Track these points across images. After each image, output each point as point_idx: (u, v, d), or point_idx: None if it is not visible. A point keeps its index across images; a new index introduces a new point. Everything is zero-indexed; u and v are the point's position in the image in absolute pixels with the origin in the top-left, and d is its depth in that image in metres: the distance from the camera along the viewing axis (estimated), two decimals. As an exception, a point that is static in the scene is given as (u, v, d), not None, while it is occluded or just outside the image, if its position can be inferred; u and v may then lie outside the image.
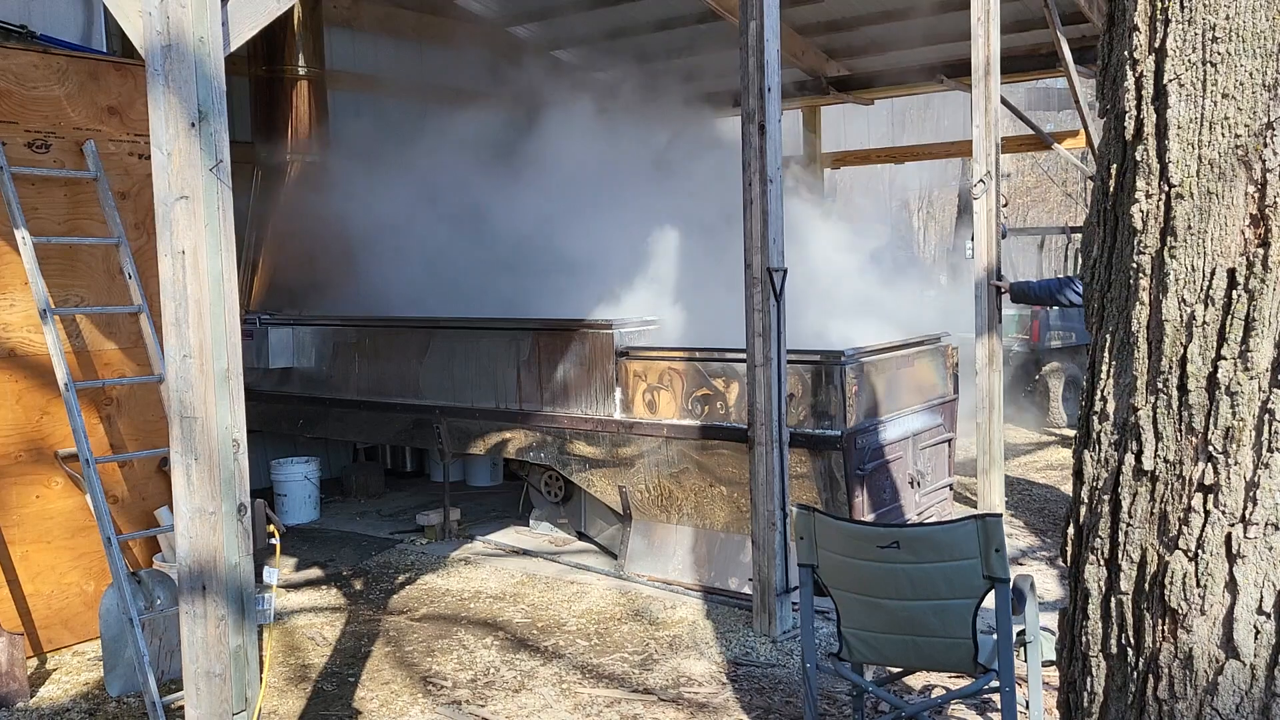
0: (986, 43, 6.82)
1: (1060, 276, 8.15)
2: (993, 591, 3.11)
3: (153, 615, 4.49)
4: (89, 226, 5.09)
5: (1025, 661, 3.61)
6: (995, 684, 3.20)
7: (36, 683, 4.64)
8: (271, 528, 3.96)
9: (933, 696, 4.23)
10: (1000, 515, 3.20)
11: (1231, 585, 1.69)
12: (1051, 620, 4.55)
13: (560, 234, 7.93)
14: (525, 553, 6.52)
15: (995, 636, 3.19)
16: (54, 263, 4.94)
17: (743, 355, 5.13)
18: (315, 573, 6.28)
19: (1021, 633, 3.52)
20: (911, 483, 5.94)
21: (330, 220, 7.95)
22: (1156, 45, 1.75)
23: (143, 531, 5.08)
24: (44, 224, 4.92)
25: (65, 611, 5.04)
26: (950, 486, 6.50)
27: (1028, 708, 3.67)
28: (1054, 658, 2.24)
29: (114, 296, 5.15)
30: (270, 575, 3.73)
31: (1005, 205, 7.14)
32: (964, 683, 3.98)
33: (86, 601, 5.07)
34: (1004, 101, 7.46)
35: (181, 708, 3.42)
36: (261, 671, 3.49)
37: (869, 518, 5.41)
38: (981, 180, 6.88)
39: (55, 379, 4.69)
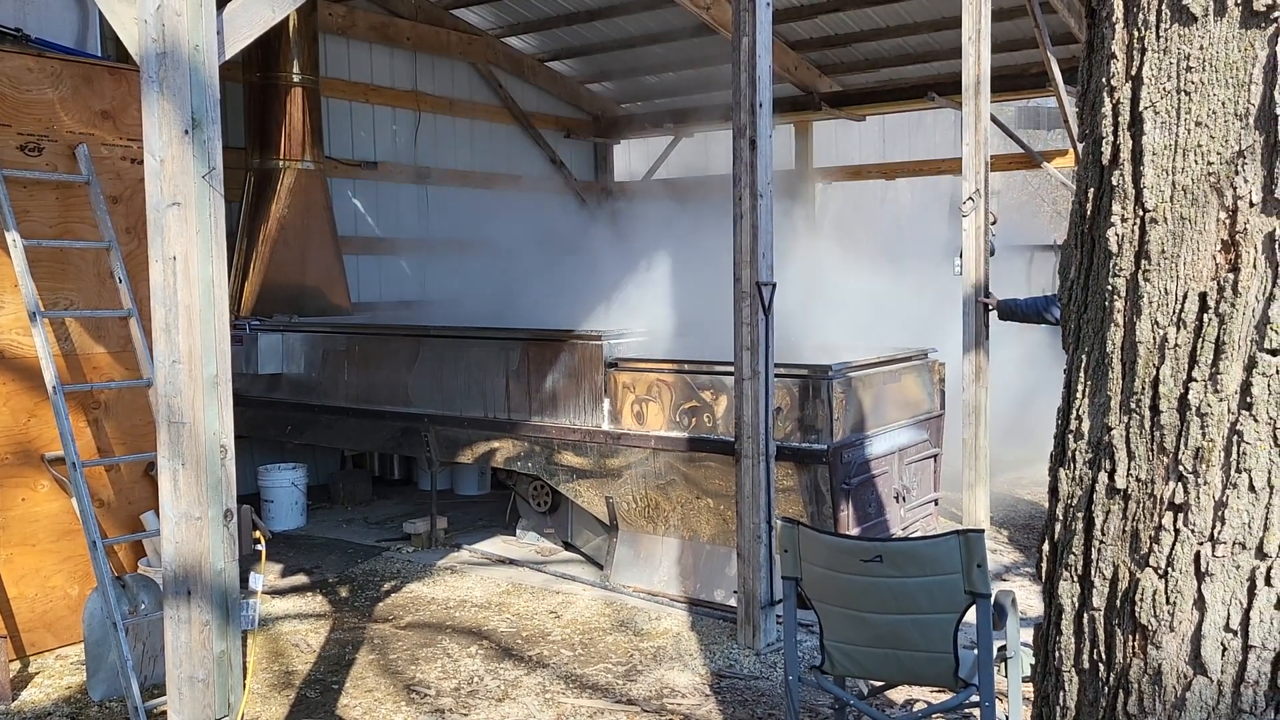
0: (977, 61, 6.88)
1: (1048, 294, 8.20)
2: (974, 606, 3.13)
3: (137, 620, 4.49)
4: (80, 230, 5.10)
5: (1005, 676, 3.64)
6: (976, 698, 3.22)
7: (19, 686, 4.63)
8: (257, 534, 3.96)
9: (914, 710, 4.25)
10: (982, 531, 3.22)
11: (1200, 603, 1.72)
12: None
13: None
14: (511, 562, 6.53)
15: (976, 651, 3.21)
16: (44, 265, 4.95)
17: (731, 368, 5.16)
18: (301, 579, 6.28)
19: (1002, 648, 3.55)
20: (897, 497, 5.97)
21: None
22: (1133, 73, 1.79)
23: (128, 536, 5.08)
24: (35, 227, 4.93)
25: (49, 615, 5.03)
26: (936, 502, 6.53)
27: (1007, 722, 3.69)
28: (1031, 673, 2.26)
29: (104, 300, 5.15)
30: (255, 581, 3.74)
31: (994, 223, 7.19)
32: (945, 697, 4.01)
33: (71, 605, 5.06)
34: (994, 120, 7.53)
35: (164, 713, 3.43)
36: (245, 677, 3.49)
37: (854, 532, 5.44)
38: (970, 198, 6.94)
39: (43, 381, 4.69)
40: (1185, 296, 1.73)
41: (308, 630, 5.36)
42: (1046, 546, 1.99)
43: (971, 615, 3.16)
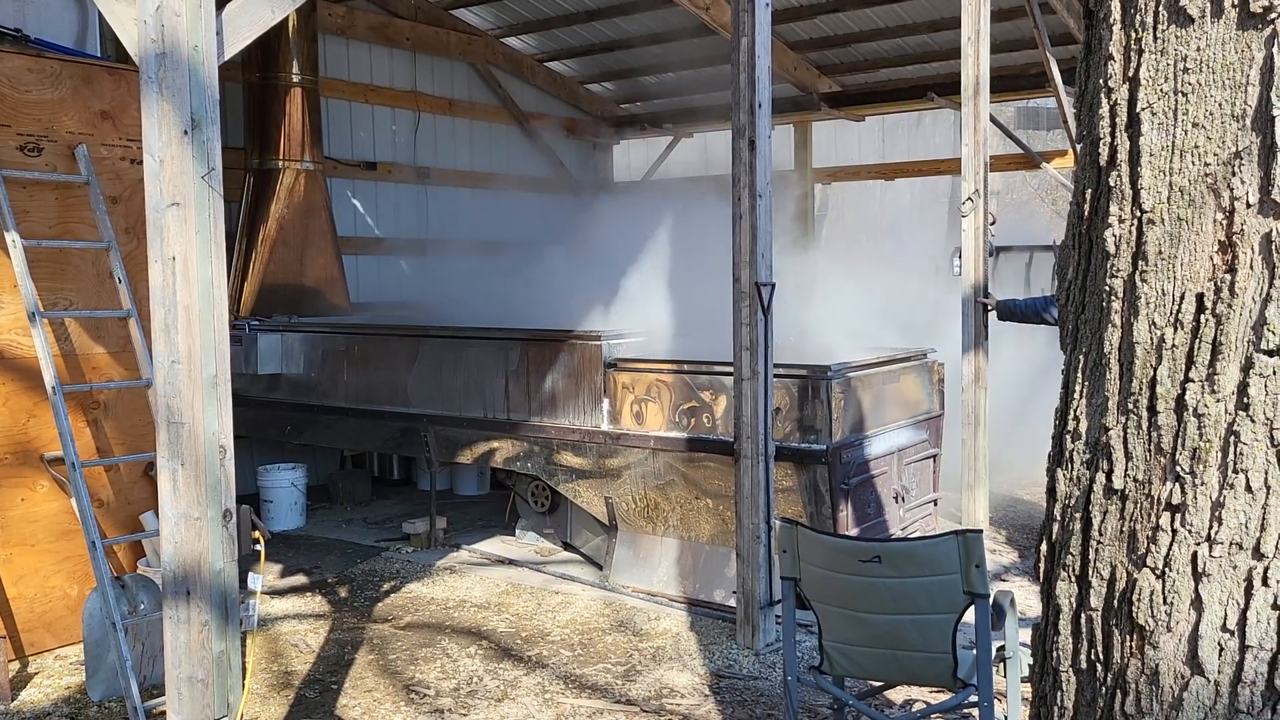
0: (976, 62, 6.88)
1: (1047, 294, 8.21)
2: (973, 607, 3.14)
3: (136, 620, 4.49)
4: (80, 230, 5.10)
5: (1004, 676, 3.64)
6: (974, 699, 3.23)
7: (18, 686, 4.64)
8: (256, 534, 3.96)
9: (913, 710, 4.25)
10: (980, 531, 3.23)
11: (1197, 603, 1.72)
12: (1032, 636, 4.58)
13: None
14: (511, 562, 6.53)
15: (975, 651, 3.22)
16: (44, 266, 4.95)
17: (730, 368, 5.16)
18: (300, 579, 6.28)
19: (1001, 648, 3.55)
20: (896, 498, 5.97)
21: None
22: (1130, 74, 1.79)
23: (128, 536, 5.08)
24: (34, 227, 4.93)
25: (48, 615, 5.03)
26: (935, 502, 6.54)
27: (1006, 723, 3.70)
28: (1029, 673, 2.26)
29: (103, 300, 5.16)
30: (255, 581, 3.74)
31: (994, 223, 7.20)
32: (944, 697, 4.01)
33: (70, 605, 5.07)
34: (993, 120, 7.53)
35: (163, 713, 3.43)
36: (244, 677, 3.49)
37: (853, 532, 5.44)
38: (970, 198, 6.94)
39: (43, 382, 4.69)
40: (1182, 297, 1.73)
41: (307, 630, 5.37)
42: (1044, 547, 2.00)
43: (970, 615, 3.16)
